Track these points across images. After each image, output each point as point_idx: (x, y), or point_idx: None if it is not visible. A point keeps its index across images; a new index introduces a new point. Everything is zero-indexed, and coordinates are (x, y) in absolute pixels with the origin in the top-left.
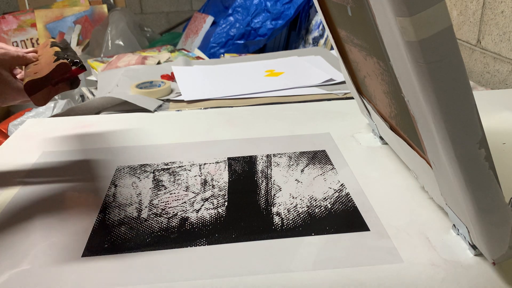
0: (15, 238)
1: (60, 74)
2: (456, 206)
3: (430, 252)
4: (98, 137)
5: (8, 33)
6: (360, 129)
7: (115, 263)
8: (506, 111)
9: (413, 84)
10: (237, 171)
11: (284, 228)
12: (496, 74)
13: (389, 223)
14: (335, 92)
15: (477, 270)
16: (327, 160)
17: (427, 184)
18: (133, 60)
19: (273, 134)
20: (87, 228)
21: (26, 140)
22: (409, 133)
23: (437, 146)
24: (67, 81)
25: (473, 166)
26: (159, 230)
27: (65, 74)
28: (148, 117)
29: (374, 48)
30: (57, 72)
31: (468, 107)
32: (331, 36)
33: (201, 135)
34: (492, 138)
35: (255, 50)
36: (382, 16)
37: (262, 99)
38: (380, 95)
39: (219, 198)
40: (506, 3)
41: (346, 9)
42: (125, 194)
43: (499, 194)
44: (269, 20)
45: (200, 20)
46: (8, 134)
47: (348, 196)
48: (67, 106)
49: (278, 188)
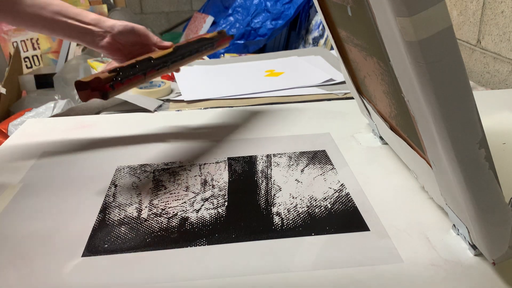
0: (15, 238)
1: (96, 84)
2: (456, 206)
3: (430, 252)
4: (98, 137)
5: (8, 33)
6: (360, 129)
7: (115, 263)
8: (506, 111)
9: (413, 84)
10: (237, 171)
11: (284, 228)
12: (496, 74)
13: (389, 223)
14: (335, 92)
15: (477, 270)
16: (327, 160)
17: (427, 184)
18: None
19: (273, 134)
20: (87, 228)
21: (26, 140)
22: (409, 133)
23: (437, 146)
24: (100, 91)
25: (473, 166)
26: (159, 230)
27: (99, 87)
28: (148, 117)
29: (374, 48)
30: (93, 82)
31: (468, 107)
32: (331, 36)
33: (201, 135)
34: (492, 138)
35: (255, 50)
36: (382, 16)
37: (262, 99)
38: (380, 95)
39: (219, 198)
40: (506, 3)
41: (346, 9)
42: (125, 194)
43: (499, 194)
44: (269, 20)
45: (200, 20)
46: (8, 134)
47: (348, 196)
48: (67, 106)
49: (278, 188)
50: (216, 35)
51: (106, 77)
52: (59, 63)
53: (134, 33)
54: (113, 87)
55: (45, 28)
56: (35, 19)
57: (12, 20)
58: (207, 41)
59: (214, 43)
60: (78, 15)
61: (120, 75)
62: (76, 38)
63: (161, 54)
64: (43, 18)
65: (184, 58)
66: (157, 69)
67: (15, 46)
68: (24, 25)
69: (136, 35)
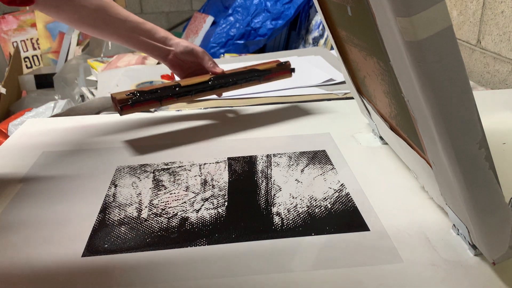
0: (15, 238)
1: (114, 102)
2: (456, 206)
3: (430, 252)
4: (98, 137)
5: (8, 33)
6: (360, 129)
7: (115, 263)
8: (506, 111)
9: (413, 84)
10: (237, 171)
11: (284, 228)
12: (496, 74)
13: (389, 223)
14: (335, 92)
15: (477, 270)
16: (327, 160)
17: (427, 184)
18: (133, 60)
19: (273, 134)
20: (87, 228)
21: (26, 140)
22: (409, 133)
23: (437, 146)
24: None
25: (473, 166)
26: (159, 230)
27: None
28: (148, 117)
29: (374, 48)
30: (113, 100)
31: (468, 107)
32: (331, 36)
33: (201, 135)
34: (492, 138)
35: (255, 50)
36: (382, 16)
37: (262, 99)
38: (380, 95)
39: (219, 198)
40: (506, 3)
41: (346, 9)
42: (125, 194)
43: (499, 194)
44: (269, 20)
45: (200, 20)
46: (8, 134)
47: (348, 196)
48: (67, 106)
49: (278, 188)
50: (274, 66)
51: (120, 98)
52: (59, 63)
53: (193, 54)
54: (122, 109)
55: (120, 41)
56: (113, 35)
57: (92, 31)
58: (256, 73)
59: (262, 76)
60: (149, 32)
61: (132, 99)
62: (146, 52)
63: (192, 82)
64: (120, 34)
65: (214, 89)
66: (177, 97)
67: (15, 46)
68: (102, 37)
69: (194, 56)
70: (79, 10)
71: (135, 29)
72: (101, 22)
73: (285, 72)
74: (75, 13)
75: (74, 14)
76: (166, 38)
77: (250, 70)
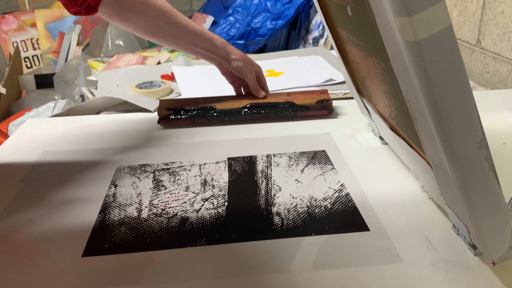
0: (15, 238)
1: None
2: (456, 206)
3: (430, 252)
4: (98, 137)
5: (8, 33)
6: (360, 129)
7: (115, 263)
8: (506, 111)
9: (413, 84)
10: (237, 171)
11: (284, 228)
12: (496, 74)
13: (389, 223)
14: (335, 92)
15: (477, 270)
16: (327, 160)
17: (427, 184)
18: (133, 60)
19: (273, 134)
20: (87, 228)
21: (26, 140)
22: (409, 133)
23: (437, 146)
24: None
25: (473, 166)
26: (159, 230)
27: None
28: (148, 117)
29: (374, 48)
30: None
31: (468, 107)
32: (331, 36)
33: (201, 135)
34: (492, 138)
35: (255, 50)
36: (382, 16)
37: None
38: (380, 95)
39: (219, 198)
40: (506, 3)
41: (346, 9)
42: (125, 194)
43: (499, 194)
44: (269, 20)
45: (200, 20)
46: (8, 134)
47: (348, 196)
48: (67, 106)
49: (278, 188)
50: (313, 104)
51: (161, 114)
52: (59, 63)
53: (241, 73)
54: (158, 122)
55: (180, 50)
56: (171, 44)
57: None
58: (292, 109)
59: (297, 112)
60: (206, 43)
61: (170, 118)
62: (203, 58)
63: (228, 107)
64: (178, 44)
65: (246, 119)
66: (208, 120)
67: (15, 46)
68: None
69: (242, 75)
70: (140, 18)
71: (192, 39)
72: (161, 31)
73: (321, 112)
74: (137, 22)
75: (136, 23)
76: (222, 49)
77: (288, 103)
